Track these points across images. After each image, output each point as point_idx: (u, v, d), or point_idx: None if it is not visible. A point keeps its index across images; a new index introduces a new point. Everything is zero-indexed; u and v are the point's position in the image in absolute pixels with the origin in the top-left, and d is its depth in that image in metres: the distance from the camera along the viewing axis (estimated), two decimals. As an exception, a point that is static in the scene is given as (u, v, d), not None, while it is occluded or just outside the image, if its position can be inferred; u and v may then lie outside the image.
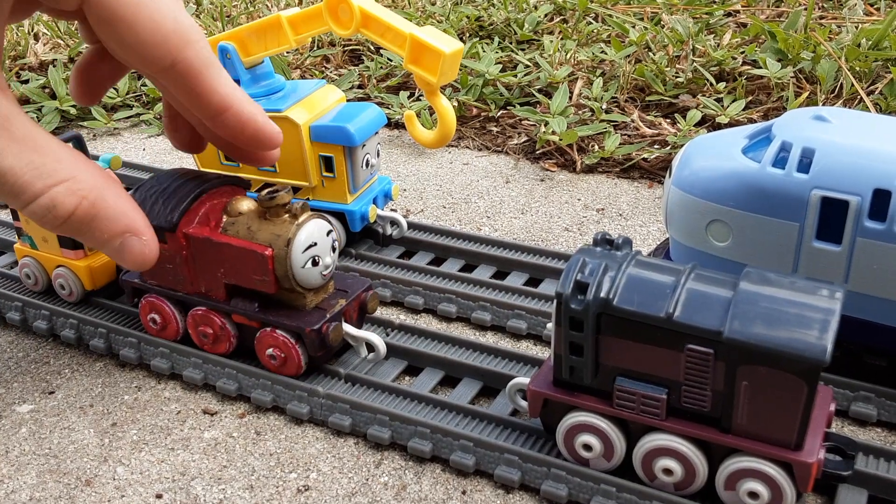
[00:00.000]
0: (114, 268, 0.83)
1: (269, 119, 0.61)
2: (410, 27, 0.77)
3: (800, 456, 0.52)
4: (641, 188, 1.05)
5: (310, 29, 0.83)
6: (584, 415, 0.58)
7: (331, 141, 0.84)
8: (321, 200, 0.88)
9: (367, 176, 0.89)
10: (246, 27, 0.84)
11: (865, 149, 0.62)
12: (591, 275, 0.55)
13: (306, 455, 0.66)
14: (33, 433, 0.70)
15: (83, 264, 0.80)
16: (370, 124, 0.86)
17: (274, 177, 0.89)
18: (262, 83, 0.87)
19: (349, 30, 0.80)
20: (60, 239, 0.80)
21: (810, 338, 0.50)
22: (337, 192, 0.87)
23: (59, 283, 0.82)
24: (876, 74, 1.16)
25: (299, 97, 0.86)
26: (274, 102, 0.85)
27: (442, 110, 0.80)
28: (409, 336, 0.77)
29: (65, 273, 0.81)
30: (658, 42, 1.32)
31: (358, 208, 0.87)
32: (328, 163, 0.86)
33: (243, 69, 0.86)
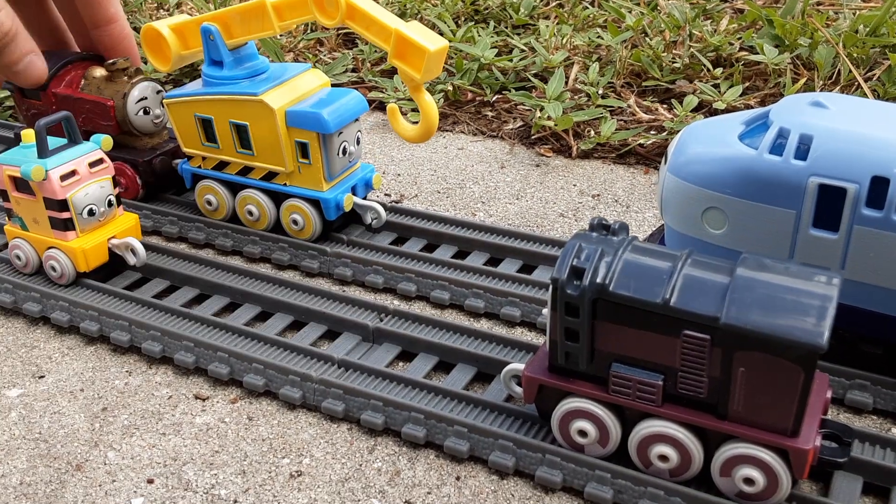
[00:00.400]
0: (106, 250, 0.82)
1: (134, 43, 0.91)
2: (396, 22, 0.77)
3: (796, 442, 0.52)
4: (637, 174, 1.05)
5: (294, 17, 0.82)
6: (579, 401, 0.58)
7: (305, 127, 0.83)
8: (297, 186, 0.87)
9: (344, 164, 0.88)
10: (231, 10, 0.83)
11: (864, 136, 0.61)
12: (587, 260, 0.55)
13: (299, 440, 0.66)
14: (23, 417, 0.69)
15: (76, 245, 0.79)
16: (348, 112, 0.85)
17: (252, 160, 0.88)
18: (246, 65, 0.86)
19: (334, 20, 0.79)
20: (52, 220, 0.79)
21: (807, 324, 0.50)
22: (312, 178, 0.86)
23: (50, 264, 0.81)
24: (873, 61, 1.16)
25: (280, 81, 0.86)
26: (250, 86, 0.85)
27: (425, 106, 0.80)
28: (402, 321, 0.76)
29: (56, 254, 0.80)
30: (655, 27, 1.31)
31: (333, 196, 0.86)
32: (304, 149, 0.85)
33: (227, 50, 0.85)
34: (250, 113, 0.85)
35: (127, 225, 0.84)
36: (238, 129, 0.87)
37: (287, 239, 0.88)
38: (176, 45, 0.88)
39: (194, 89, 0.88)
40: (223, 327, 0.75)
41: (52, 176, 0.77)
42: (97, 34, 0.94)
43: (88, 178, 0.80)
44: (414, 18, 1.48)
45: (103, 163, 0.81)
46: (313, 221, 0.87)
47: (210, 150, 0.90)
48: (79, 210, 0.79)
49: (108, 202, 0.82)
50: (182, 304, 0.81)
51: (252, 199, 0.90)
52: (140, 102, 0.93)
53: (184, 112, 0.89)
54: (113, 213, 0.83)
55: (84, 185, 0.79)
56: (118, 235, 0.83)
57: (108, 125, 0.94)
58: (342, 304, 0.79)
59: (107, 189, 0.81)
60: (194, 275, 0.83)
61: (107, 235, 0.82)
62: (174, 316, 0.78)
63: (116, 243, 0.82)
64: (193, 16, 0.85)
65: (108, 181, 0.81)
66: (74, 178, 0.79)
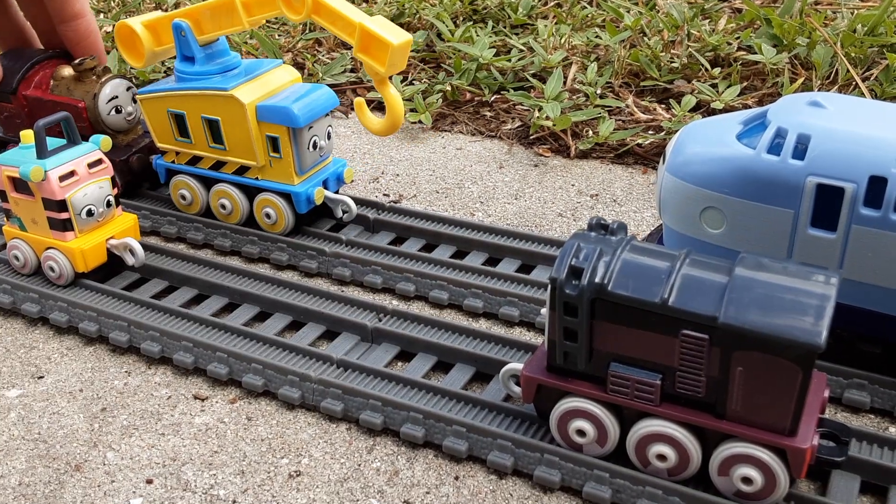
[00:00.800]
0: (105, 250, 0.82)
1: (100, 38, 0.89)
2: (361, 17, 0.78)
3: (794, 442, 0.52)
4: (636, 174, 1.05)
5: (262, 12, 0.83)
6: (577, 400, 0.58)
7: (275, 121, 0.85)
8: (268, 180, 0.89)
9: (315, 158, 0.89)
10: (201, 6, 0.84)
11: (861, 135, 0.61)
12: (585, 260, 0.55)
13: (298, 440, 0.66)
14: (22, 418, 0.69)
15: (74, 245, 0.79)
16: (318, 106, 0.86)
17: (224, 154, 0.89)
18: (217, 61, 0.87)
19: (300, 15, 0.80)
20: (51, 220, 0.79)
21: (806, 324, 0.50)
22: (283, 172, 0.87)
23: (48, 265, 0.81)
24: (871, 60, 1.16)
25: (251, 76, 0.87)
26: (221, 81, 0.86)
27: (390, 99, 0.80)
28: (401, 321, 0.76)
29: (55, 255, 0.80)
30: (653, 27, 1.31)
31: (304, 190, 0.87)
32: (274, 143, 0.86)
33: (198, 46, 0.86)
34: (222, 108, 0.86)
35: (126, 225, 0.84)
36: (210, 123, 0.88)
37: (286, 239, 0.88)
38: (149, 42, 0.88)
39: (167, 85, 0.89)
40: (222, 327, 0.75)
41: (51, 176, 0.77)
42: (63, 29, 0.94)
43: (87, 179, 0.80)
44: (412, 18, 1.48)
45: (102, 163, 0.81)
46: (285, 215, 0.88)
47: (183, 145, 0.91)
48: (77, 210, 0.79)
49: (107, 202, 0.82)
50: (181, 304, 0.81)
51: (225, 193, 0.91)
52: (111, 102, 0.94)
53: (157, 108, 0.90)
54: (112, 213, 0.83)
55: (83, 186, 0.79)
56: (117, 236, 0.83)
57: (82, 126, 0.93)
58: (341, 304, 0.79)
59: (105, 189, 0.81)
60: (193, 275, 0.83)
61: (105, 236, 0.82)
62: (173, 316, 0.78)
63: (115, 244, 0.82)
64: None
65: (107, 181, 0.81)
66: (73, 178, 0.79)
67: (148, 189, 1.01)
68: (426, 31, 1.41)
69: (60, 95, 0.94)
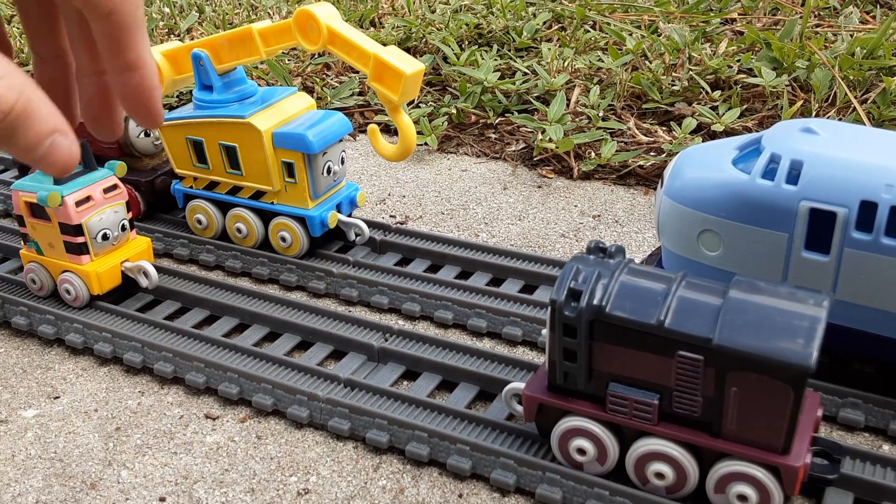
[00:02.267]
0: (119, 273, 0.84)
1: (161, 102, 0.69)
2: (375, 47, 0.80)
3: (787, 460, 0.54)
4: (637, 195, 1.07)
5: (279, 42, 0.85)
6: (578, 419, 0.60)
7: (291, 147, 0.87)
8: (284, 204, 0.91)
9: (329, 183, 0.92)
10: (219, 36, 0.87)
11: (852, 161, 0.63)
12: (584, 282, 0.57)
13: (306, 459, 0.68)
14: (39, 437, 0.71)
15: (90, 269, 0.82)
16: (332, 133, 0.89)
17: (240, 180, 0.92)
18: (234, 89, 0.90)
19: (317, 45, 0.82)
20: (67, 244, 0.81)
21: (797, 345, 0.51)
22: (298, 197, 0.90)
23: (65, 287, 0.83)
24: (869, 83, 1.18)
25: (267, 104, 0.90)
26: (239, 109, 0.88)
27: (403, 126, 0.83)
28: (406, 341, 0.78)
29: (71, 278, 0.82)
30: (654, 50, 1.33)
31: (318, 214, 0.90)
32: (290, 168, 0.88)
33: (216, 75, 0.88)
34: (239, 135, 0.88)
35: (140, 248, 0.86)
36: (227, 150, 0.90)
37: (294, 261, 0.90)
38: (169, 71, 0.90)
39: (186, 113, 0.92)
40: (233, 348, 0.77)
41: (67, 202, 0.79)
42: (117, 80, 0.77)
43: (103, 204, 0.82)
44: (419, 42, 1.51)
45: (117, 188, 0.84)
46: (300, 238, 0.91)
47: (201, 170, 0.94)
48: (93, 234, 0.82)
49: (122, 226, 0.84)
50: (193, 325, 0.83)
51: (241, 218, 0.93)
52: (141, 134, 0.97)
53: (176, 135, 0.93)
54: (126, 236, 0.85)
55: (98, 211, 0.82)
56: (131, 258, 0.85)
57: (111, 147, 0.97)
58: (348, 324, 0.81)
59: (120, 214, 0.84)
60: (205, 296, 0.85)
61: (120, 259, 0.84)
62: (185, 337, 0.80)
63: (129, 266, 0.84)
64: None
65: (121, 206, 0.84)
66: (89, 203, 0.81)
67: (161, 213, 1.03)
68: (432, 54, 1.43)
69: None
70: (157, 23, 1.67)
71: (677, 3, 1.57)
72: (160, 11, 1.76)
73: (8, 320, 0.85)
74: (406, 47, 1.50)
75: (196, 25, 1.66)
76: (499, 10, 1.55)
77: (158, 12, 1.75)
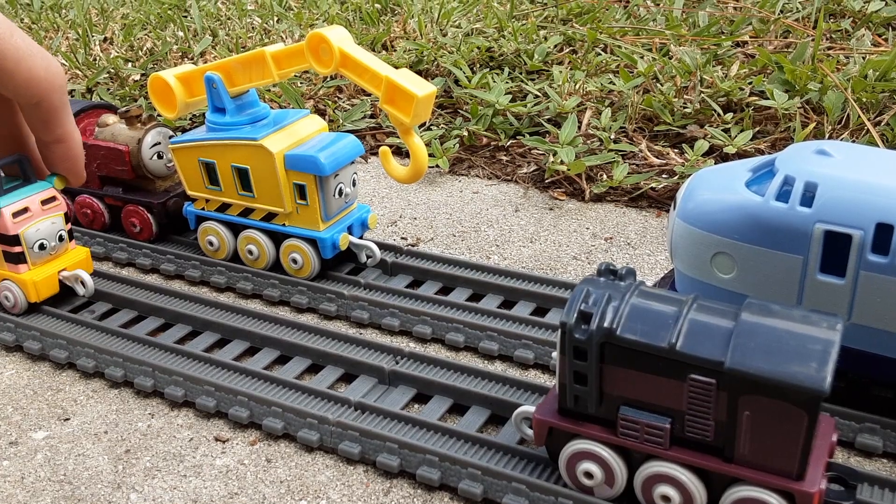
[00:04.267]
0: (56, 281, 0.87)
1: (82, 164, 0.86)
2: (387, 69, 0.80)
3: (801, 486, 0.53)
4: (649, 217, 1.07)
5: (292, 65, 0.85)
6: (584, 442, 0.59)
7: (302, 169, 0.87)
8: (295, 226, 0.91)
9: (340, 205, 0.92)
10: (232, 59, 0.87)
11: (868, 183, 0.63)
12: (594, 305, 0.57)
13: (316, 482, 0.67)
14: (48, 459, 0.71)
15: (27, 277, 0.85)
16: (344, 155, 0.89)
17: (252, 202, 0.92)
18: (247, 111, 0.90)
19: (329, 68, 0.83)
20: (5, 254, 0.85)
21: (811, 369, 0.51)
22: (310, 219, 0.90)
23: (4, 294, 0.87)
24: (883, 105, 1.17)
25: (279, 126, 0.90)
26: (251, 131, 0.89)
27: (415, 148, 0.83)
28: (417, 364, 0.78)
29: (9, 286, 0.86)
30: (666, 73, 1.34)
31: (329, 236, 0.90)
32: (301, 190, 0.89)
33: (229, 98, 0.89)
34: (251, 157, 0.89)
35: (78, 258, 0.89)
36: (239, 172, 0.91)
37: (305, 283, 0.90)
38: (182, 94, 0.91)
39: (198, 135, 0.92)
40: (243, 371, 0.77)
41: (4, 213, 0.82)
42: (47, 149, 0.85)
43: (40, 215, 0.85)
44: (430, 65, 1.51)
45: (55, 200, 0.86)
46: (311, 260, 0.91)
47: (213, 192, 0.94)
48: (30, 244, 0.84)
49: (59, 237, 0.87)
50: (203, 348, 0.83)
51: (252, 240, 0.93)
52: (154, 147, 0.98)
53: (188, 157, 0.93)
54: (64, 246, 0.88)
55: (35, 222, 0.84)
56: (69, 268, 0.87)
57: (124, 170, 0.99)
58: (359, 346, 0.81)
59: (58, 225, 0.86)
60: (216, 320, 0.85)
61: (58, 268, 0.87)
62: (196, 361, 0.80)
63: (66, 275, 0.87)
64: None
65: (59, 217, 0.87)
66: (26, 214, 0.84)
67: (174, 234, 1.04)
68: (444, 77, 1.44)
69: (105, 140, 0.99)
70: (171, 46, 1.69)
71: (688, 27, 1.57)
72: (174, 35, 1.77)
73: (20, 344, 0.85)
74: (417, 70, 1.51)
75: (210, 49, 1.67)
76: (510, 33, 1.56)
77: (172, 36, 1.77)
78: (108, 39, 1.84)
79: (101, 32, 1.86)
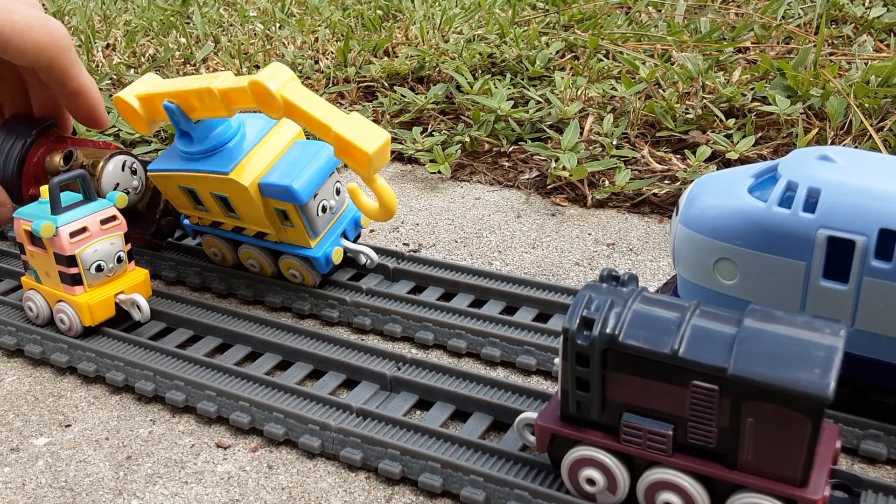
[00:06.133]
0: (112, 305, 0.84)
1: (104, 109, 0.95)
2: (335, 120, 0.75)
3: (805, 492, 0.53)
4: (652, 223, 1.06)
5: (241, 103, 0.80)
6: (586, 449, 0.59)
7: (279, 198, 0.84)
8: (287, 244, 0.89)
9: (327, 219, 0.88)
10: (187, 89, 0.82)
11: (871, 189, 0.62)
12: (597, 311, 0.56)
13: (318, 489, 0.67)
14: (49, 466, 0.71)
15: (82, 300, 0.82)
16: (319, 175, 0.85)
17: (240, 223, 0.90)
18: (213, 133, 0.85)
19: (277, 114, 0.78)
20: (61, 274, 0.82)
21: (814, 375, 0.51)
22: (299, 237, 0.88)
23: (59, 317, 0.84)
24: (885, 111, 1.17)
25: (250, 147, 0.85)
26: (220, 163, 0.84)
27: (379, 191, 0.79)
28: (419, 370, 0.78)
29: (65, 308, 0.83)
30: (668, 79, 1.34)
31: (321, 254, 0.88)
32: (284, 214, 0.85)
33: (192, 125, 0.84)
34: (225, 187, 0.85)
35: (136, 281, 0.86)
36: (220, 198, 0.88)
37: (308, 289, 0.90)
38: (147, 114, 0.86)
39: (172, 165, 0.88)
40: (244, 376, 0.77)
41: (61, 233, 0.80)
42: (65, 104, 0.97)
43: (99, 235, 0.82)
44: (432, 71, 1.51)
45: (116, 219, 0.84)
46: (311, 274, 0.89)
47: (202, 212, 0.92)
48: (87, 266, 0.82)
49: (118, 258, 0.84)
50: (205, 353, 0.83)
51: (251, 254, 0.92)
52: (116, 188, 0.92)
53: (169, 183, 0.90)
54: (123, 268, 0.85)
55: (93, 242, 0.82)
56: (126, 291, 0.85)
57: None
58: (361, 352, 0.81)
59: (117, 245, 0.84)
60: (217, 324, 0.85)
61: (114, 291, 0.84)
62: (197, 365, 0.79)
63: (123, 299, 0.84)
64: (214, 72, 0.87)
65: (119, 237, 0.84)
66: (84, 234, 0.81)
67: (176, 240, 1.04)
68: (446, 83, 1.44)
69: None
70: (174, 53, 1.69)
71: (690, 33, 1.57)
72: (176, 42, 1.78)
73: (21, 348, 0.85)
74: (419, 76, 1.51)
75: (212, 55, 1.68)
76: (512, 39, 1.56)
77: (175, 42, 1.77)
78: (110, 46, 1.84)
79: (104, 39, 1.87)
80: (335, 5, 1.98)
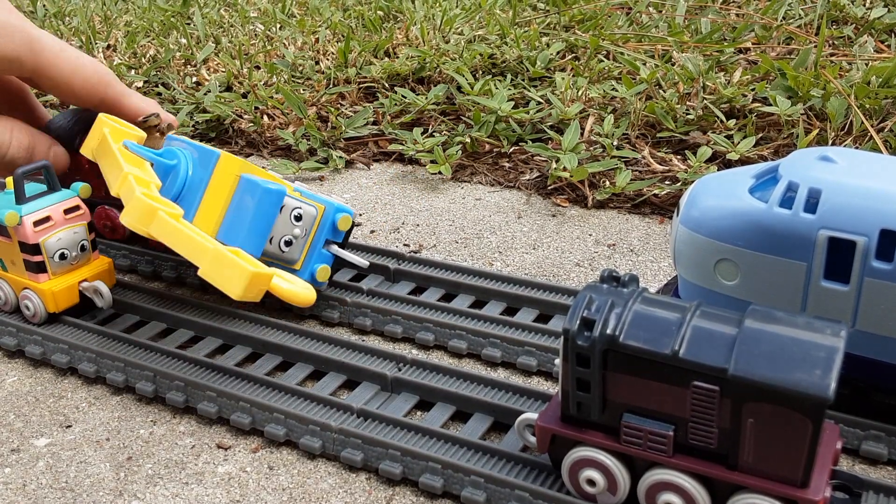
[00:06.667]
0: (77, 292, 0.86)
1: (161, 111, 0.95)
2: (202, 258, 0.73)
3: (806, 493, 0.53)
4: (652, 224, 1.06)
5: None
6: (587, 450, 0.59)
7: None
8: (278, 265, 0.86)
9: (299, 246, 0.86)
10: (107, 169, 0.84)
11: (872, 189, 0.62)
12: (597, 311, 0.56)
13: (318, 490, 0.67)
14: (50, 467, 0.71)
15: (46, 287, 0.84)
16: (262, 227, 0.81)
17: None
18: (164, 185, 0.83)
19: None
20: (26, 262, 0.84)
21: (815, 376, 0.51)
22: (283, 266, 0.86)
23: (24, 304, 0.86)
24: (886, 111, 1.17)
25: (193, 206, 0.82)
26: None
27: (286, 295, 0.79)
28: (420, 371, 0.78)
29: (30, 295, 0.85)
30: (668, 79, 1.33)
31: (307, 273, 0.87)
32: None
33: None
34: None
35: (100, 269, 0.88)
36: None
37: (308, 290, 0.90)
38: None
39: None
40: (245, 377, 0.77)
41: (25, 222, 0.82)
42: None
43: (63, 224, 0.84)
44: (433, 72, 1.51)
45: (79, 209, 0.86)
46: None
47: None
48: (50, 254, 0.84)
49: (81, 247, 0.86)
50: (205, 354, 0.83)
51: None
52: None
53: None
54: (87, 256, 0.87)
55: (57, 231, 0.84)
56: (89, 278, 0.87)
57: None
58: (361, 353, 0.81)
59: (80, 234, 0.85)
60: (217, 325, 0.85)
61: (78, 279, 0.86)
62: (198, 366, 0.79)
63: (86, 286, 0.86)
64: (219, 73, 0.87)
65: (82, 227, 0.86)
66: (48, 223, 0.83)
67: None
68: (446, 84, 1.44)
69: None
70: (174, 53, 1.69)
71: (691, 33, 1.57)
72: (177, 43, 1.78)
73: (22, 349, 0.85)
74: (420, 77, 1.51)
75: (212, 56, 1.68)
76: (512, 40, 1.56)
77: (175, 43, 1.77)
78: (111, 47, 1.84)
79: (105, 40, 1.87)
80: (336, 6, 1.98)
